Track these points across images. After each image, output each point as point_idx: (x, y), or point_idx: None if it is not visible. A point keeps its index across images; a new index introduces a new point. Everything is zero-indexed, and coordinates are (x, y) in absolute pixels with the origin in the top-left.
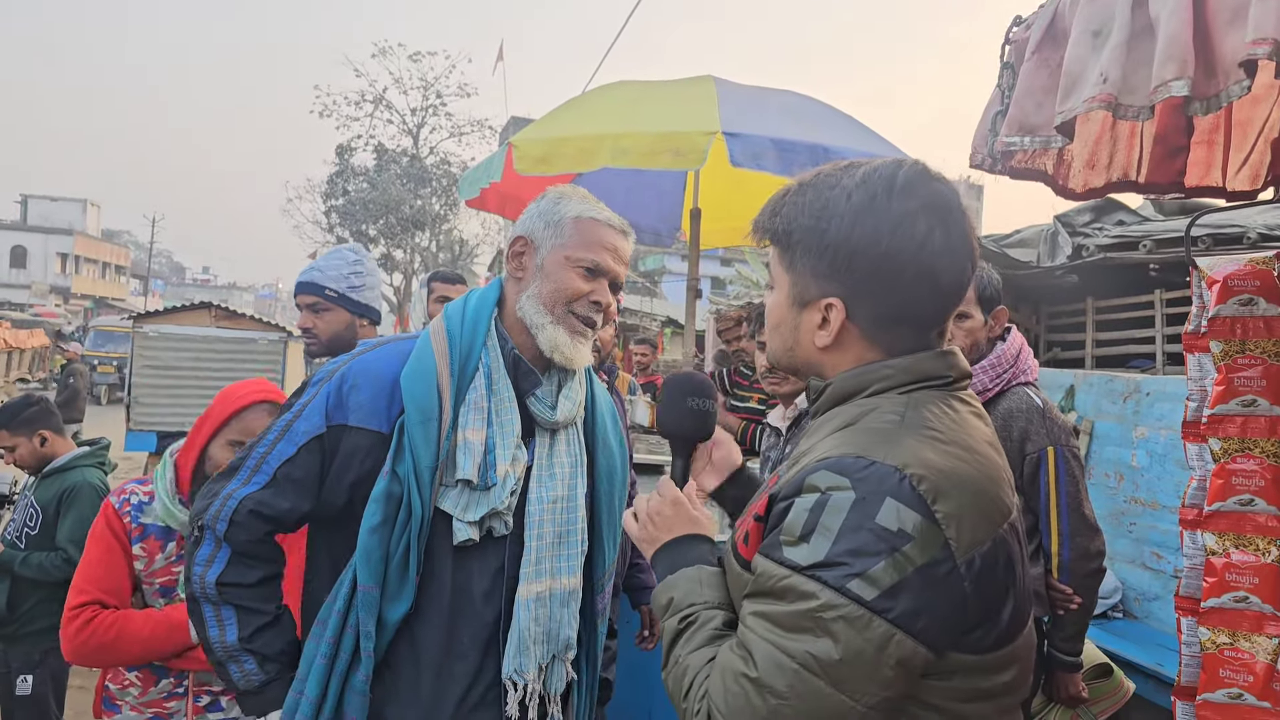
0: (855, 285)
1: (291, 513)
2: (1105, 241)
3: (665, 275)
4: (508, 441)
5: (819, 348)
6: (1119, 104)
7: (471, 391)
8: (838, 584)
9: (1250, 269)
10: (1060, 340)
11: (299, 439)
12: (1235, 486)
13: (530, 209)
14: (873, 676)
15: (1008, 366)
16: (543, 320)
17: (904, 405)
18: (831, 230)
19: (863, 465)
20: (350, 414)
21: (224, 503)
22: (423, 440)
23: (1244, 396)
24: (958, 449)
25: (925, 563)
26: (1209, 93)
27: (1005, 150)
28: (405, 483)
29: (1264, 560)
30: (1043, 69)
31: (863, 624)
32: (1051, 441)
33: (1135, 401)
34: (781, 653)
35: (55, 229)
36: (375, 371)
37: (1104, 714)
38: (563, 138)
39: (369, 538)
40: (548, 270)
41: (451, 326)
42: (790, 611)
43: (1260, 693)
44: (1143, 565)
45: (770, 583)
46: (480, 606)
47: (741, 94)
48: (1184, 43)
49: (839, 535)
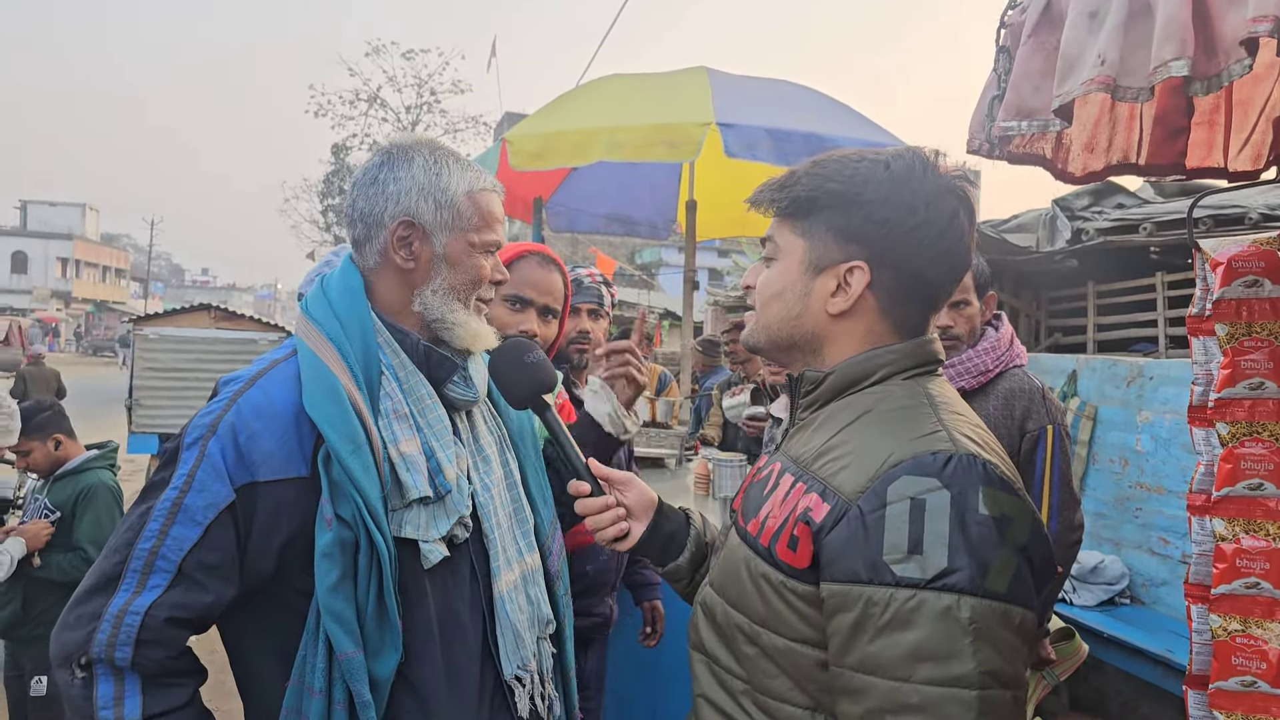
0: (883, 251)
1: (215, 606)
2: (1105, 225)
3: (662, 267)
4: (445, 440)
5: (831, 314)
6: (1118, 86)
7: (385, 400)
8: (972, 587)
9: (1255, 250)
10: (1061, 325)
11: (202, 516)
12: (1244, 471)
13: (399, 177)
14: (1020, 661)
15: (1005, 349)
16: (460, 317)
17: (917, 389)
18: (867, 194)
19: (942, 460)
20: (259, 468)
21: (116, 623)
22: (362, 471)
23: (1251, 379)
24: (981, 428)
25: (1028, 537)
26: (1210, 72)
27: (1003, 135)
28: (355, 525)
29: (1275, 545)
30: (1039, 52)
31: (1004, 617)
32: (1051, 420)
33: (1139, 386)
34: (956, 686)
35: (55, 234)
36: (271, 409)
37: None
38: (557, 132)
39: (332, 598)
40: (453, 260)
41: (331, 332)
42: (935, 635)
43: (1274, 680)
44: (1149, 551)
45: (891, 611)
46: (467, 620)
47: (735, 84)
48: (1183, 22)
49: (951, 537)
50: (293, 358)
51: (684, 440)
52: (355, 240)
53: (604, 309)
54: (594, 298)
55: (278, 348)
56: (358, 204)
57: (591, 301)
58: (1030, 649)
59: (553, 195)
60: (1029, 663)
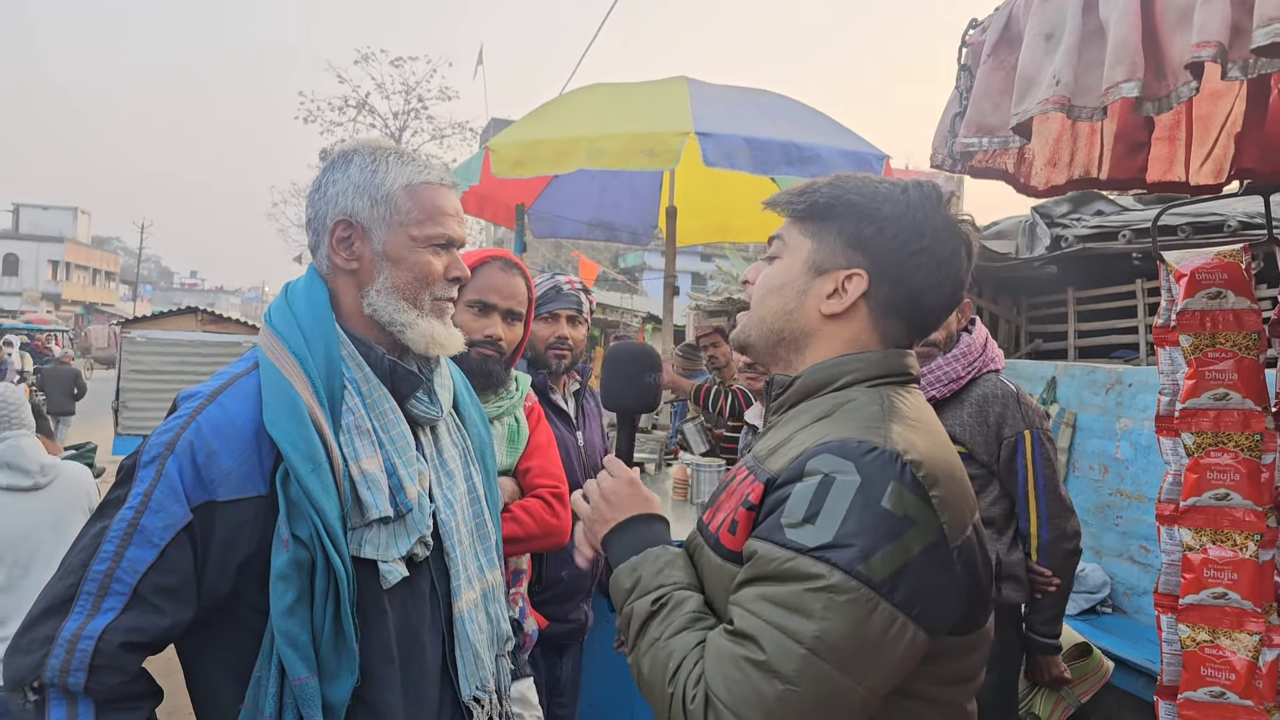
0: (886, 266)
1: (173, 629)
2: (1084, 232)
3: (646, 271)
4: (407, 457)
5: (824, 314)
6: (1072, 105)
7: (347, 414)
8: (847, 565)
9: (1218, 262)
10: (1042, 331)
11: (159, 538)
12: (1210, 481)
13: (337, 180)
14: (877, 660)
15: (978, 355)
16: (409, 317)
17: (878, 396)
18: (884, 210)
19: (865, 449)
20: (218, 487)
21: (69, 648)
22: (321, 490)
23: (1215, 390)
24: (937, 437)
25: (925, 547)
26: (1159, 93)
27: (965, 151)
28: (312, 545)
29: (1241, 555)
30: (999, 71)
31: (870, 607)
32: (1027, 425)
33: (1118, 393)
34: (788, 636)
35: (46, 237)
36: (230, 427)
37: (1086, 695)
38: (538, 140)
39: (286, 622)
40: (394, 257)
41: (294, 345)
42: (796, 592)
43: (1243, 691)
44: (1130, 559)
45: (772, 566)
46: (427, 640)
47: (714, 94)
48: (1133, 45)
49: (845, 517)
50: (254, 371)
51: (664, 445)
52: (310, 247)
53: (583, 315)
54: (573, 304)
55: (238, 360)
56: (307, 211)
57: (571, 308)
58: (907, 663)
59: (535, 202)
60: (896, 675)
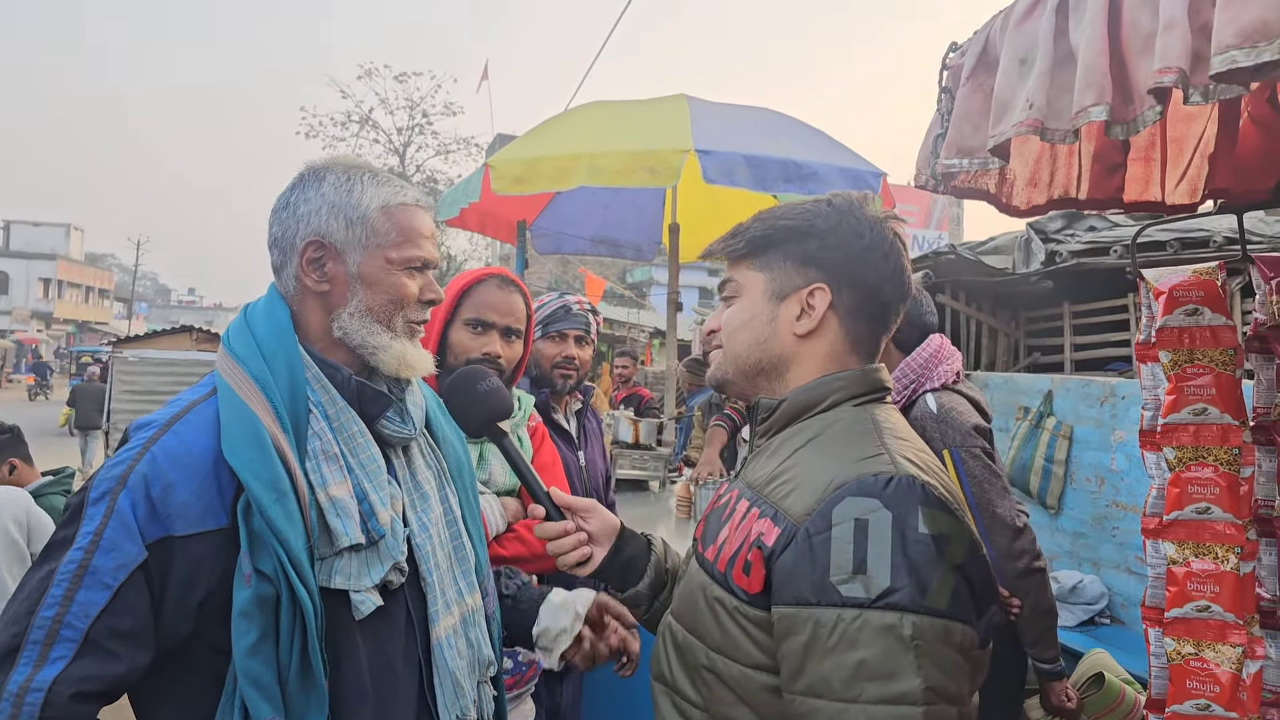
0: (841, 272)
1: (129, 675)
2: (1077, 247)
3: (653, 286)
4: (378, 481)
5: (798, 335)
6: (1045, 128)
7: (313, 439)
8: (914, 605)
9: (1194, 280)
10: (1039, 345)
11: (112, 579)
12: (1191, 495)
13: (309, 198)
14: (963, 678)
15: (914, 376)
16: (381, 339)
17: (864, 415)
18: (818, 225)
19: (884, 482)
20: (174, 522)
21: (16, 702)
22: (286, 521)
23: (1194, 405)
24: (925, 453)
25: (965, 556)
26: (1127, 117)
27: (946, 172)
28: (277, 579)
29: (1223, 568)
30: (977, 94)
31: (945, 633)
32: (946, 444)
33: (1112, 405)
34: (897, 704)
35: (38, 254)
36: (187, 457)
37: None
38: (538, 158)
39: (249, 661)
40: (369, 279)
41: (254, 370)
42: (881, 653)
43: (1228, 703)
44: (1128, 570)
45: (837, 632)
46: (402, 669)
47: (714, 112)
48: (1101, 71)
49: (893, 557)
50: (212, 398)
51: (668, 462)
52: (274, 267)
53: (589, 336)
54: (581, 324)
55: (195, 386)
56: (272, 229)
57: (579, 328)
58: (975, 668)
59: (538, 218)
60: (976, 682)
